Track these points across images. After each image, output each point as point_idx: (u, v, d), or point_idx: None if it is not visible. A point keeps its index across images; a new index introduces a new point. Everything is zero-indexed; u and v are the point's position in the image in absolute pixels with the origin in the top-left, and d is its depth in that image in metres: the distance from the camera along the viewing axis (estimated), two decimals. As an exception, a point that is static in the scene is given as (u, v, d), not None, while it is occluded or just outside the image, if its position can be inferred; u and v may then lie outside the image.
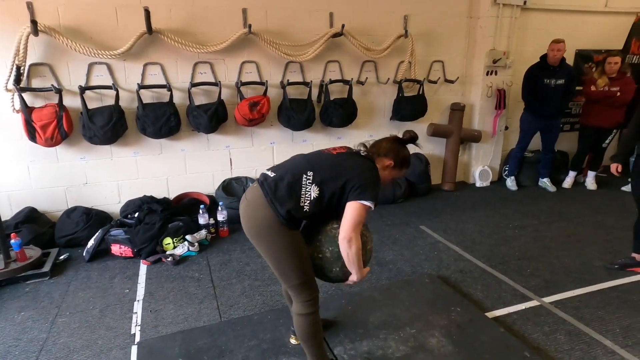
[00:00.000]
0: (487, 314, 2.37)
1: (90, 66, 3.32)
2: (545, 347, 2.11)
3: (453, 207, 4.22)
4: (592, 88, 4.51)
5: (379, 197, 1.64)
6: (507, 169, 4.90)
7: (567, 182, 4.84)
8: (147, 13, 3.19)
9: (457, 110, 4.60)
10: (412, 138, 1.83)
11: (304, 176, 1.63)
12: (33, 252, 2.95)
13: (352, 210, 1.59)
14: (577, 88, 4.75)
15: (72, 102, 3.28)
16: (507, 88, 4.67)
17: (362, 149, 1.84)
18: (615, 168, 2.84)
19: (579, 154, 4.80)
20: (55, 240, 3.28)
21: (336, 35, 3.89)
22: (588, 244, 3.31)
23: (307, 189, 1.62)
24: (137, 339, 2.21)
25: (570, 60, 4.94)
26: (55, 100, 3.19)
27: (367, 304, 2.45)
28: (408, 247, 3.30)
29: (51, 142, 3.19)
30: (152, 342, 2.15)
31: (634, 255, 2.89)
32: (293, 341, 2.11)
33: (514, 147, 4.82)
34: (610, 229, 3.60)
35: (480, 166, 4.90)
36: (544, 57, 4.31)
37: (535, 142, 4.71)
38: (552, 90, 4.31)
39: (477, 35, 4.49)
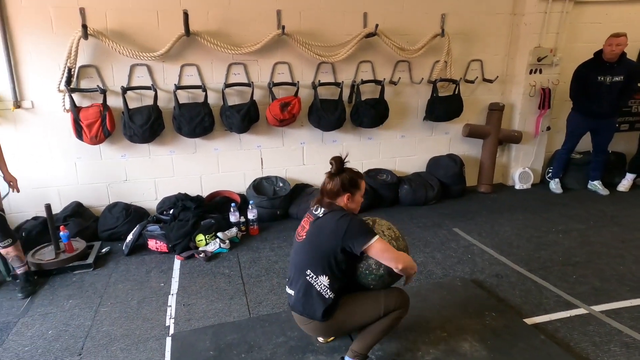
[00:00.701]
0: (525, 320, 2.26)
1: (132, 67, 3.47)
2: (596, 358, 1.97)
3: (489, 209, 4.07)
4: None
5: (367, 226, 1.72)
6: (550, 170, 4.66)
7: (624, 184, 4.51)
8: (186, 16, 3.30)
9: (496, 110, 4.44)
10: (337, 166, 1.81)
11: (307, 277, 1.72)
12: (79, 244, 3.12)
13: (375, 252, 1.66)
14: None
15: (114, 102, 3.44)
16: (552, 87, 4.44)
17: (320, 209, 1.80)
18: None
19: (639, 155, 4.47)
20: (98, 233, 3.45)
21: (369, 35, 3.86)
22: (646, 251, 3.07)
23: (318, 283, 1.71)
24: (172, 331, 2.27)
25: (634, 56, 4.58)
26: (100, 100, 3.36)
27: (397, 305, 2.39)
28: (440, 249, 3.21)
29: (95, 140, 3.36)
30: (185, 335, 2.21)
31: None
32: (321, 339, 2.10)
33: (559, 149, 4.57)
34: (671, 236, 3.33)
35: (521, 168, 4.70)
36: (598, 54, 4.04)
37: (584, 143, 4.45)
38: (607, 88, 4.03)
39: (521, 32, 4.30)
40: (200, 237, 3.27)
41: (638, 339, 2.10)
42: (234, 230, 3.46)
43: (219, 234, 3.33)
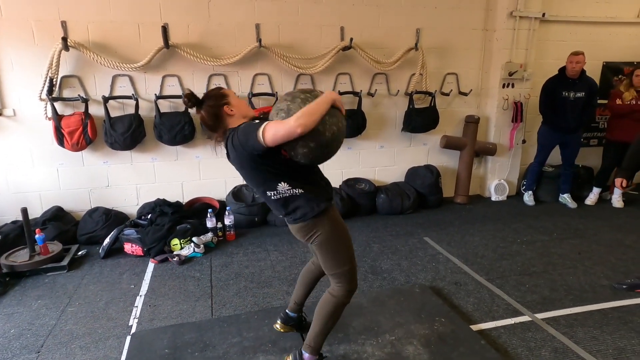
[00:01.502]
0: (472, 326, 2.35)
1: (114, 78, 3.62)
2: (526, 362, 2.08)
3: (462, 220, 4.17)
4: (618, 102, 4.34)
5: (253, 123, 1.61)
6: (524, 183, 4.77)
7: (591, 198, 4.64)
8: (164, 30, 3.46)
9: (472, 122, 4.56)
10: (191, 98, 1.74)
11: (272, 197, 1.71)
12: (55, 247, 3.23)
13: (271, 138, 1.49)
14: (601, 101, 4.60)
15: (97, 110, 3.58)
16: (524, 101, 4.58)
17: (222, 147, 1.81)
18: (620, 182, 2.75)
19: (604, 169, 4.60)
20: (77, 237, 3.56)
21: (346, 48, 4.00)
22: (598, 263, 3.18)
23: (281, 192, 1.69)
24: (133, 330, 2.37)
25: (597, 73, 4.80)
26: (82, 109, 3.50)
27: (353, 309, 2.48)
28: (407, 257, 3.31)
29: (77, 147, 3.49)
30: (144, 333, 2.31)
31: None
32: (277, 327, 2.22)
33: (532, 161, 4.69)
34: (627, 248, 3.43)
35: (496, 180, 4.80)
36: (562, 70, 4.22)
37: (557, 157, 4.58)
38: (571, 103, 4.19)
39: (493, 47, 4.47)
40: (175, 241, 3.38)
41: (566, 344, 2.21)
42: (209, 235, 3.57)
43: (194, 239, 3.44)
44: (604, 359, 2.10)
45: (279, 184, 1.66)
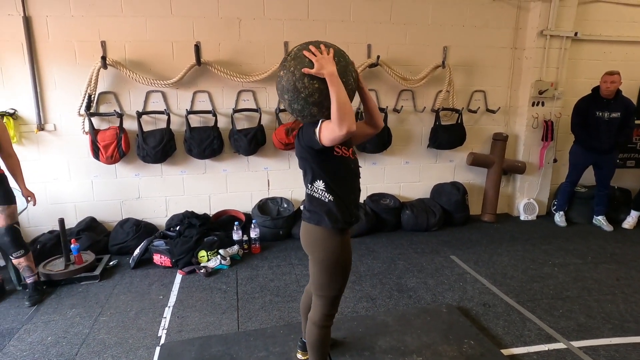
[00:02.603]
0: (503, 350, 2.28)
1: (148, 94, 3.76)
2: (562, 392, 2.00)
3: (490, 239, 4.08)
4: None
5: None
6: (555, 203, 4.63)
7: (629, 222, 4.43)
8: (197, 48, 3.59)
9: (500, 140, 4.49)
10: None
11: (308, 190, 1.75)
12: (88, 257, 3.34)
13: (326, 130, 1.54)
14: (639, 122, 4.44)
15: (130, 125, 3.73)
16: (555, 119, 4.48)
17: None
18: None
19: None
20: (108, 247, 3.68)
21: (372, 65, 4.04)
22: (639, 291, 3.03)
23: (315, 190, 1.71)
24: (162, 341, 2.42)
25: (634, 93, 4.65)
26: (117, 124, 3.64)
27: (379, 328, 2.47)
28: (433, 275, 3.25)
29: (111, 160, 3.63)
30: (173, 345, 2.35)
31: None
32: (300, 356, 2.19)
33: (563, 181, 4.57)
34: (670, 276, 3.27)
35: (526, 199, 4.69)
36: (596, 90, 4.12)
37: (591, 178, 4.44)
38: (605, 123, 4.07)
39: (523, 66, 4.42)
40: (202, 253, 3.44)
41: None
42: (236, 247, 3.61)
43: (221, 251, 3.49)
44: (648, 393, 2.00)
45: (318, 181, 1.69)
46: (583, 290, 3.02)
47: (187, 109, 3.79)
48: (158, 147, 3.68)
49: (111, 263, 3.44)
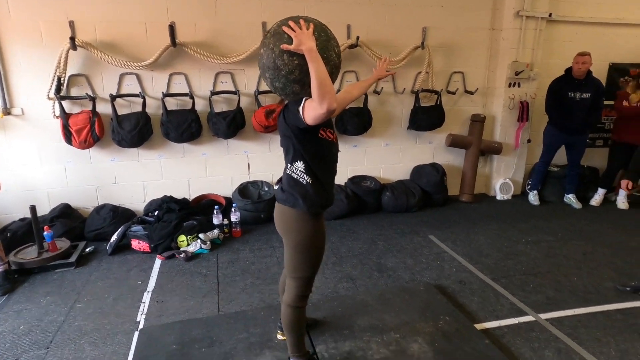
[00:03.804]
0: (476, 325, 2.36)
1: (122, 76, 3.64)
2: (530, 362, 2.09)
3: (467, 218, 4.17)
4: (625, 103, 4.33)
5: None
6: (530, 183, 4.76)
7: (596, 199, 4.62)
8: (171, 29, 3.49)
9: (477, 121, 4.55)
10: None
11: (287, 170, 1.72)
12: (63, 244, 3.27)
13: (308, 108, 1.51)
14: (607, 102, 4.56)
15: (104, 108, 3.62)
16: (530, 100, 4.56)
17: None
18: (625, 184, 2.75)
19: (609, 170, 4.59)
20: (84, 234, 3.61)
21: (352, 46, 4.00)
22: (603, 264, 3.17)
23: (294, 170, 1.69)
24: (141, 326, 2.41)
25: (604, 74, 4.77)
26: (90, 107, 3.53)
27: (359, 307, 2.52)
28: (412, 255, 3.32)
29: (84, 145, 3.53)
30: (152, 329, 2.34)
31: None
32: (279, 337, 2.22)
33: (537, 161, 4.68)
34: (633, 251, 3.42)
35: (502, 179, 4.80)
36: (568, 70, 4.20)
37: (563, 157, 4.57)
38: (577, 104, 4.18)
39: (500, 47, 4.45)
40: (182, 237, 3.41)
41: (570, 345, 2.22)
42: (216, 232, 3.60)
43: (201, 235, 3.47)
44: (608, 360, 2.11)
45: (298, 162, 1.68)
46: (553, 266, 3.14)
47: (163, 92, 3.69)
48: (134, 131, 3.59)
49: (87, 250, 3.38)
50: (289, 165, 1.71)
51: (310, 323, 2.29)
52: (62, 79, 3.40)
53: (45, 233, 3.10)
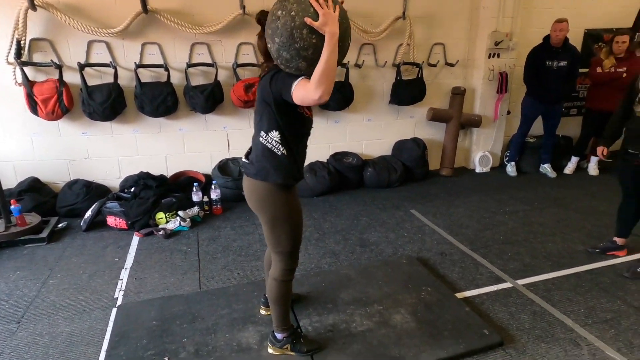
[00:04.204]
0: (457, 294, 2.41)
1: (90, 43, 3.43)
2: (507, 325, 2.16)
3: (448, 192, 4.21)
4: (598, 70, 4.34)
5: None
6: (507, 154, 4.83)
7: (569, 167, 4.75)
8: (142, -7, 3.27)
9: (458, 94, 4.54)
10: (262, 15, 1.58)
11: (260, 138, 1.64)
12: (33, 219, 3.14)
13: (296, 88, 1.45)
14: (582, 70, 4.58)
15: (73, 78, 3.41)
16: (509, 71, 4.56)
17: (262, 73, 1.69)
18: (601, 151, 2.80)
19: (582, 138, 4.69)
20: (56, 209, 3.46)
21: (333, 16, 3.87)
22: (575, 230, 3.30)
23: (269, 140, 1.62)
24: (119, 302, 2.35)
25: (579, 41, 4.79)
26: (56, 76, 3.32)
27: (342, 281, 2.52)
28: (394, 229, 3.34)
29: (52, 116, 3.34)
30: (131, 305, 2.29)
31: (615, 239, 2.88)
32: (263, 312, 2.21)
33: (515, 133, 4.73)
34: (601, 215, 3.56)
35: (481, 152, 4.85)
36: (546, 38, 4.19)
37: (540, 128, 4.62)
38: (555, 72, 4.19)
39: (480, 16, 4.39)
40: (160, 215, 3.32)
41: (544, 307, 2.32)
42: (196, 209, 3.51)
43: (180, 213, 3.38)
44: (576, 318, 2.22)
45: (274, 132, 1.61)
46: (530, 234, 3.23)
47: (135, 62, 3.51)
48: (106, 104, 3.42)
49: (60, 225, 3.26)
50: (264, 135, 1.64)
51: (294, 298, 2.27)
52: (21, 42, 3.16)
53: (12, 207, 2.96)
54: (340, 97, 4.09)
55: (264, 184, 1.67)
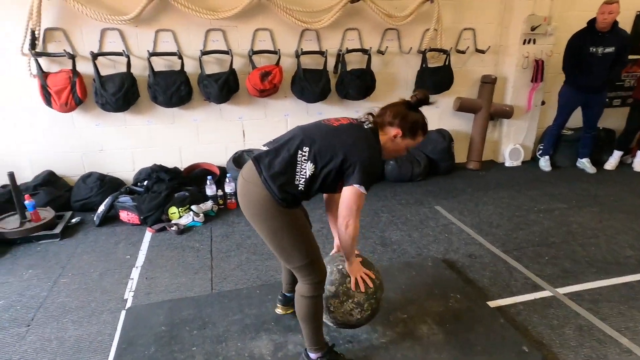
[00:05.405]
0: (489, 302, 2.20)
1: (103, 32, 3.32)
2: (549, 341, 1.93)
3: (475, 187, 3.96)
4: None
5: (373, 180, 1.57)
6: (541, 147, 4.51)
7: (611, 163, 4.38)
8: (154, -24, 3.11)
9: (488, 83, 4.24)
10: (421, 100, 1.61)
11: (299, 152, 1.50)
12: (47, 214, 3.07)
13: (347, 195, 1.51)
14: (632, 57, 4.18)
15: (85, 68, 3.31)
16: (546, 58, 4.22)
17: (368, 118, 1.65)
18: None
19: (628, 131, 4.32)
20: (71, 203, 3.40)
21: (354, 0, 3.64)
22: (621, 232, 2.99)
23: (302, 167, 1.50)
24: (129, 304, 2.24)
25: (629, 24, 4.37)
26: (69, 66, 3.22)
27: (362, 284, 2.34)
28: (418, 228, 3.13)
29: (66, 108, 3.26)
30: (140, 308, 2.18)
31: None
32: (279, 311, 2.07)
33: (550, 124, 4.41)
34: (652, 216, 3.24)
35: (512, 144, 4.54)
36: (591, 22, 3.81)
37: (576, 119, 4.28)
38: (599, 59, 3.82)
39: (515, -1, 4.06)
40: (173, 209, 3.22)
41: (591, 320, 2.07)
42: (210, 203, 3.39)
43: (193, 207, 3.27)
44: (633, 337, 1.96)
45: (310, 164, 1.50)
46: (568, 235, 2.97)
47: (149, 51, 3.37)
48: (119, 94, 3.31)
49: (73, 220, 3.19)
50: (304, 155, 1.50)
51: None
52: (36, 32, 3.07)
53: (26, 202, 2.90)
54: (361, 85, 3.87)
55: (263, 193, 1.50)
